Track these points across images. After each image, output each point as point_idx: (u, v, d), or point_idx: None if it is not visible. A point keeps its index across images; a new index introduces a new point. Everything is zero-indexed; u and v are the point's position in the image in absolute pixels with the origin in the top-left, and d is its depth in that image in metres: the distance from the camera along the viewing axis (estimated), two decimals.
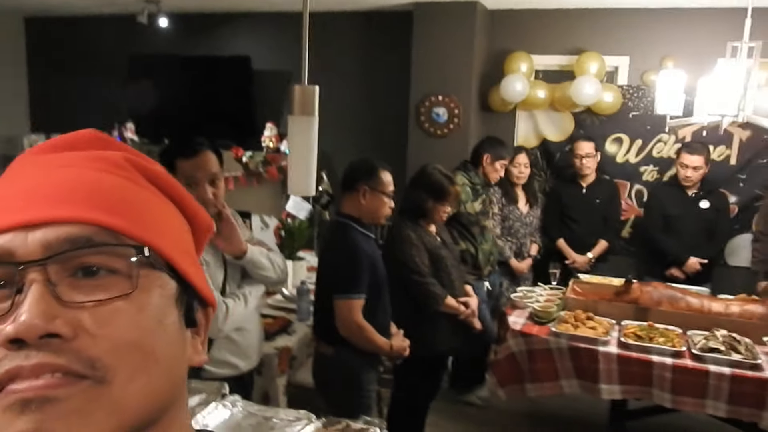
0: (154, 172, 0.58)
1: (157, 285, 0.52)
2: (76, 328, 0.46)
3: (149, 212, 0.54)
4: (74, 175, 0.53)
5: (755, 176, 4.44)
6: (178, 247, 0.56)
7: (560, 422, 3.94)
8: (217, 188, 2.21)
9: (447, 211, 3.09)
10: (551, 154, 4.83)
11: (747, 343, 2.90)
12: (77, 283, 0.48)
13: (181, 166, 2.17)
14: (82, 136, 0.59)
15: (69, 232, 0.49)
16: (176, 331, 0.54)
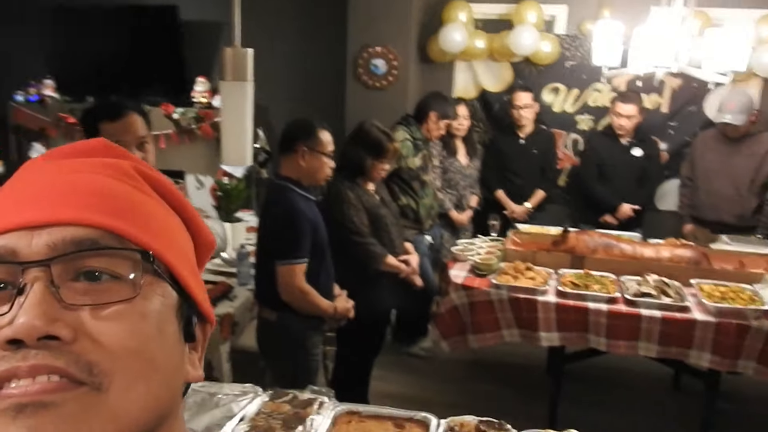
0: (163, 184, 0.59)
1: (159, 293, 0.52)
2: (76, 331, 0.46)
3: (155, 221, 0.54)
4: (82, 179, 0.53)
5: (685, 123, 4.57)
6: (180, 259, 0.55)
7: (502, 369, 4.07)
8: (146, 152, 2.12)
9: (385, 168, 3.06)
10: (490, 105, 4.83)
11: (676, 287, 3.03)
12: (80, 287, 0.48)
13: (105, 129, 2.06)
14: (93, 145, 0.60)
15: (74, 234, 0.49)
16: (175, 342, 0.53)
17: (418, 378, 4.01)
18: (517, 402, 3.66)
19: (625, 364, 3.49)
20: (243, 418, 1.76)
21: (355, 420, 1.75)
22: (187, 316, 0.56)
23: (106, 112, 2.08)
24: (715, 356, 2.81)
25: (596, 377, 3.82)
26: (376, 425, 1.72)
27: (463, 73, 4.83)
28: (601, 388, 3.82)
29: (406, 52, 4.58)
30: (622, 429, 3.36)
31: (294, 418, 1.73)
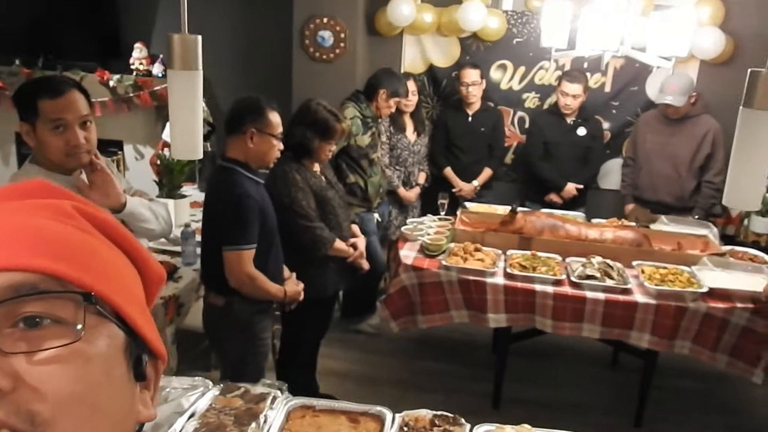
0: (104, 221, 0.57)
1: (105, 334, 0.50)
2: (15, 380, 0.44)
3: (97, 259, 0.52)
4: (18, 222, 0.51)
5: (627, 103, 4.66)
6: (127, 297, 0.53)
7: (447, 346, 4.11)
8: (89, 131, 1.99)
9: (332, 149, 2.98)
10: (438, 80, 4.79)
11: (619, 268, 3.11)
12: (19, 334, 0.46)
13: (45, 106, 1.92)
14: (29, 186, 0.57)
15: (12, 280, 0.47)
16: (124, 384, 0.52)
17: (364, 355, 4.02)
18: (463, 379, 3.72)
19: (566, 341, 3.58)
20: (193, 414, 1.71)
21: (309, 414, 1.72)
22: (136, 355, 0.54)
23: (46, 89, 1.93)
24: (654, 337, 2.91)
25: (538, 354, 3.91)
26: (331, 420, 1.70)
27: (412, 48, 4.77)
28: (543, 365, 3.92)
29: (354, 24, 4.48)
30: (564, 405, 3.46)
31: (246, 414, 1.68)
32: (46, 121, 1.93)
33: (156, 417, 0.57)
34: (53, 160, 1.97)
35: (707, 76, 4.36)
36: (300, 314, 2.82)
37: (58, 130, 1.93)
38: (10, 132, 5.31)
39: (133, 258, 0.59)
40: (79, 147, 1.96)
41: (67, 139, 1.94)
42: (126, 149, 5.13)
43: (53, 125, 1.93)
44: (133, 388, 0.53)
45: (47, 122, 1.93)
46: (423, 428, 1.62)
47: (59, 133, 1.93)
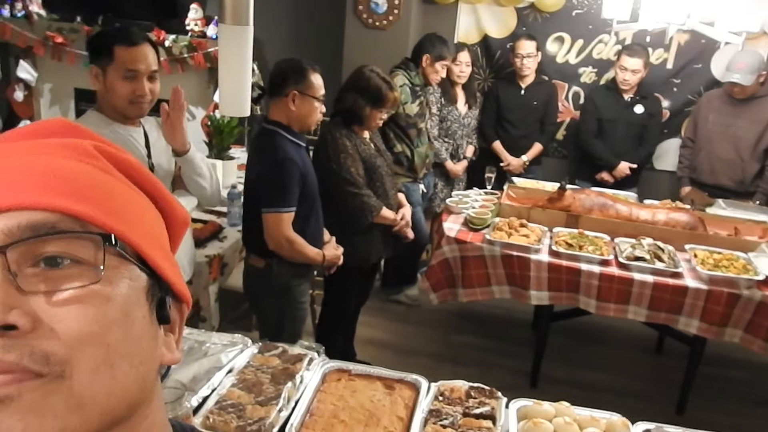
0: (126, 162, 0.55)
1: (125, 276, 0.49)
2: (34, 319, 0.44)
3: (119, 201, 0.51)
4: (39, 161, 0.50)
5: (689, 81, 4.46)
6: (149, 239, 0.53)
7: (487, 321, 4.08)
8: (155, 85, 2.08)
9: (383, 117, 2.94)
10: (492, 51, 4.68)
11: (670, 251, 3.00)
12: (39, 273, 0.46)
13: (121, 54, 2.01)
14: (51, 124, 0.56)
15: (31, 219, 0.46)
16: (146, 326, 0.51)
17: (402, 325, 4.02)
18: (501, 356, 3.69)
19: (609, 322, 3.51)
20: (231, 370, 1.73)
21: (344, 378, 1.72)
22: (159, 297, 0.53)
23: (123, 37, 2.01)
24: (704, 323, 2.82)
25: (579, 335, 3.85)
26: (366, 385, 1.69)
27: (467, 17, 4.66)
28: (584, 346, 3.85)
29: None
30: (603, 387, 3.40)
31: (283, 373, 1.69)
32: (119, 67, 2.01)
33: (180, 360, 0.56)
34: (117, 107, 2.05)
35: None
36: (342, 280, 2.83)
37: (129, 77, 2.01)
38: (70, 87, 5.45)
39: (155, 200, 0.57)
40: (144, 97, 2.06)
41: (135, 87, 2.04)
42: None
43: (124, 73, 2.01)
44: (156, 331, 0.53)
45: (120, 69, 2.01)
46: (458, 399, 1.60)
47: (128, 80, 2.02)
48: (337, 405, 1.61)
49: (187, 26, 4.89)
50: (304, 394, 1.63)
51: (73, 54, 5.10)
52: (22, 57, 5.29)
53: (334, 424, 1.53)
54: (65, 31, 5.07)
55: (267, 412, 1.53)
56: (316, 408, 1.60)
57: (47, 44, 5.11)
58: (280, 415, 1.54)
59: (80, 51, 5.06)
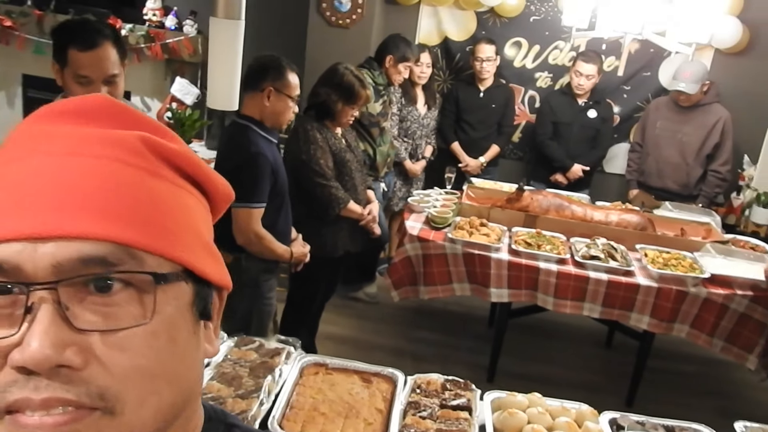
0: (173, 153, 0.53)
1: (172, 297, 0.50)
2: (86, 356, 0.45)
3: (169, 215, 0.51)
4: (87, 169, 0.48)
5: (639, 88, 4.66)
6: (196, 245, 0.53)
7: (445, 317, 4.16)
8: (114, 87, 1.97)
9: (355, 114, 2.99)
10: (452, 53, 4.77)
11: (622, 251, 3.14)
12: (89, 300, 0.46)
13: (74, 57, 1.91)
14: (93, 104, 0.54)
15: (81, 251, 0.46)
16: (189, 339, 0.52)
17: (361, 322, 4.06)
18: (459, 351, 3.77)
19: (561, 318, 3.63)
20: (209, 363, 1.74)
21: (322, 372, 1.75)
22: (203, 298, 0.54)
23: (79, 39, 1.90)
24: (654, 319, 2.96)
25: (533, 330, 3.97)
26: (344, 378, 1.73)
27: (428, 19, 4.73)
28: (538, 341, 3.98)
29: None
30: (557, 381, 3.52)
31: (261, 366, 1.72)
32: (73, 72, 1.93)
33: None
34: None
35: (721, 65, 4.37)
36: (308, 273, 2.85)
37: (82, 83, 1.93)
38: (18, 73, 5.26)
39: (201, 183, 0.57)
40: None
41: (90, 92, 1.94)
42: (133, 100, 5.09)
43: (76, 78, 1.93)
44: (198, 333, 0.54)
45: (73, 73, 1.93)
46: (435, 391, 1.66)
47: (83, 85, 1.93)
48: (317, 398, 1.64)
49: (145, 16, 4.81)
50: (284, 388, 1.66)
51: (23, 39, 4.93)
52: None
53: (315, 417, 1.56)
54: (15, 14, 4.90)
55: (248, 405, 1.55)
56: (296, 401, 1.63)
57: None
58: (261, 408, 1.57)
59: (30, 36, 4.90)
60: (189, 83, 4.86)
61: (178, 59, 4.85)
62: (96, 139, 0.51)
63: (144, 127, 0.54)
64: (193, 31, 4.80)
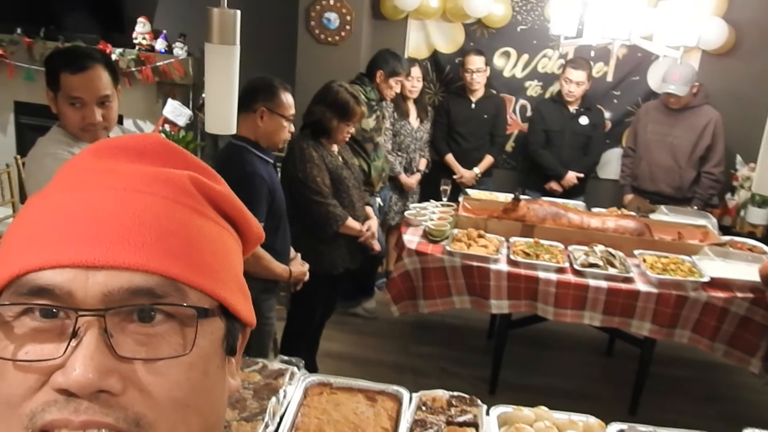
0: (217, 195, 0.58)
1: (208, 332, 0.52)
2: (126, 382, 0.47)
3: (212, 253, 0.54)
4: (142, 204, 0.51)
5: (628, 93, 4.68)
6: (233, 284, 0.55)
7: (444, 331, 4.14)
8: (109, 110, 1.99)
9: (350, 131, 2.99)
10: (441, 66, 4.79)
11: (621, 257, 3.14)
12: (132, 329, 0.48)
13: (65, 81, 1.93)
14: (149, 143, 0.57)
15: (131, 283, 0.48)
16: (217, 377, 0.54)
17: (361, 337, 4.04)
18: (459, 364, 3.75)
19: (560, 327, 3.62)
20: None
21: (326, 392, 1.74)
22: (232, 335, 0.56)
23: (69, 63, 1.92)
24: (655, 325, 2.95)
25: (533, 341, 3.95)
26: (348, 397, 1.71)
27: (416, 33, 4.75)
28: (537, 351, 3.96)
29: (360, 7, 4.45)
30: (559, 391, 3.51)
31: (265, 388, 1.70)
32: (65, 95, 1.95)
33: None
34: (71, 133, 1.98)
35: (708, 67, 4.40)
36: (307, 291, 2.83)
37: (75, 105, 1.95)
38: (9, 101, 5.26)
39: (238, 223, 0.60)
40: (95, 125, 1.98)
41: (83, 114, 1.96)
42: (126, 123, 5.08)
43: (69, 100, 1.95)
44: (224, 367, 0.55)
45: (66, 96, 1.95)
46: (440, 408, 1.64)
47: (77, 108, 1.95)
48: (322, 419, 1.62)
49: (135, 40, 4.82)
50: (288, 409, 1.64)
51: (13, 66, 4.94)
52: None
53: None
54: (4, 42, 4.91)
55: (253, 428, 1.53)
56: (301, 422, 1.61)
57: None
58: (266, 431, 1.55)
59: (20, 63, 4.91)
60: (181, 105, 4.87)
61: (169, 81, 4.86)
62: (150, 177, 0.54)
63: (193, 167, 0.58)
64: (183, 53, 4.80)
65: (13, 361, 0.47)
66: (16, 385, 0.47)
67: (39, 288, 0.47)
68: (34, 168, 1.98)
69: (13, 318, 0.48)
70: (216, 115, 1.34)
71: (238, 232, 0.61)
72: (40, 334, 0.48)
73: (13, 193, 4.02)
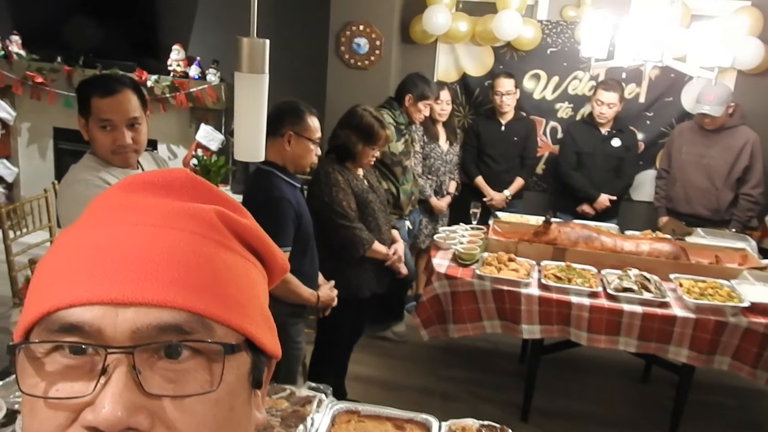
0: (243, 228, 0.58)
1: (235, 367, 0.52)
2: (154, 419, 0.47)
3: (238, 287, 0.54)
4: (169, 240, 0.51)
5: (661, 114, 4.61)
6: (259, 318, 0.56)
7: (474, 355, 4.09)
8: (138, 133, 2.04)
9: (376, 155, 2.99)
10: (470, 89, 4.78)
11: (656, 281, 3.07)
12: (160, 366, 0.49)
13: (96, 105, 1.99)
14: (176, 178, 0.58)
15: (159, 319, 0.48)
16: (244, 411, 0.54)
17: (390, 361, 4.01)
18: (490, 389, 3.69)
19: (594, 352, 3.54)
20: None
21: (354, 419, 1.72)
22: (258, 368, 0.56)
23: (99, 87, 1.99)
24: (693, 351, 2.87)
25: (565, 365, 3.87)
26: (376, 425, 1.69)
27: (445, 56, 4.77)
28: (571, 376, 3.88)
29: (389, 32, 4.48)
30: (593, 418, 3.42)
31: (293, 415, 1.69)
32: (96, 119, 2.00)
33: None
34: (102, 157, 2.03)
35: (744, 87, 4.31)
36: (335, 316, 2.82)
37: (106, 128, 2.00)
38: (49, 126, 5.42)
39: (263, 255, 0.61)
40: (125, 147, 2.03)
41: (114, 137, 2.01)
42: (160, 148, 5.18)
43: (100, 123, 2.00)
44: (250, 401, 0.56)
45: (96, 120, 2.00)
46: None
47: (107, 131, 2.00)
48: None
49: (169, 66, 4.93)
50: None
51: (53, 93, 5.09)
52: (0, 96, 5.26)
53: None
54: (45, 70, 5.07)
55: None
56: None
57: (26, 84, 5.10)
58: None
59: (60, 90, 5.06)
60: (213, 129, 4.96)
61: (202, 107, 4.95)
62: (177, 212, 0.54)
63: (219, 200, 0.59)
64: (215, 79, 4.89)
65: (44, 399, 0.48)
66: (46, 422, 0.47)
67: (69, 325, 0.48)
68: (65, 195, 2.03)
69: (44, 355, 0.49)
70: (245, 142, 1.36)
71: (263, 263, 0.61)
72: (70, 371, 0.48)
73: (50, 218, 4.10)
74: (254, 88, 1.33)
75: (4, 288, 3.88)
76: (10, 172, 5.46)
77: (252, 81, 1.33)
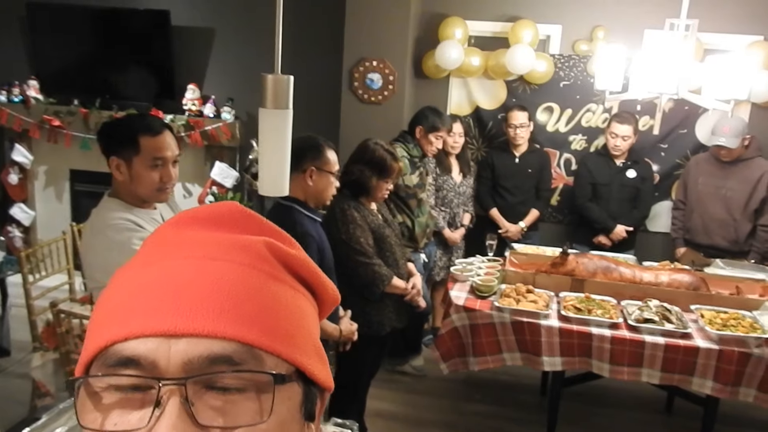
0: (293, 259, 0.58)
1: (287, 398, 0.52)
2: None
3: (288, 318, 0.54)
4: (220, 272, 0.52)
5: (676, 146, 4.62)
6: (309, 349, 0.55)
7: (495, 388, 4.04)
8: (176, 169, 2.12)
9: (389, 188, 3.01)
10: (484, 122, 4.82)
11: (677, 312, 3.04)
12: (212, 403, 0.49)
13: (146, 143, 2.03)
14: (226, 211, 0.59)
15: (211, 351, 0.49)
16: None
17: (409, 396, 3.97)
18: (512, 423, 3.64)
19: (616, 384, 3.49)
20: None
21: None
22: (310, 400, 0.56)
23: (147, 127, 2.04)
24: (717, 383, 2.83)
25: (587, 398, 3.82)
26: None
27: (458, 90, 4.82)
28: (593, 409, 3.82)
29: (402, 67, 4.55)
30: None
31: None
32: (146, 156, 2.02)
33: None
34: (142, 195, 2.05)
35: (759, 119, 4.33)
36: (355, 352, 2.81)
37: (156, 166, 2.04)
38: (65, 169, 5.48)
39: (313, 286, 0.61)
40: (171, 182, 2.09)
41: (162, 174, 2.05)
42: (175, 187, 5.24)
43: (152, 162, 2.03)
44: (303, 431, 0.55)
45: (147, 158, 2.03)
46: None
47: (156, 168, 2.04)
48: None
49: (185, 106, 5.00)
50: None
51: (70, 136, 5.17)
52: (18, 140, 5.34)
53: None
54: (62, 114, 5.15)
55: None
56: None
57: (43, 127, 5.18)
58: None
59: (76, 133, 5.13)
60: (228, 167, 5.01)
61: (217, 145, 5.00)
62: (227, 244, 0.55)
63: (268, 232, 0.59)
64: (230, 117, 4.96)
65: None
66: None
67: (125, 358, 0.49)
68: (96, 242, 2.00)
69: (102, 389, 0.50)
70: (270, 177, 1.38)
71: (314, 295, 0.61)
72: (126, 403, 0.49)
73: (68, 260, 4.08)
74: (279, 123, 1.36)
75: (24, 333, 3.87)
76: (27, 215, 5.51)
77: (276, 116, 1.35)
